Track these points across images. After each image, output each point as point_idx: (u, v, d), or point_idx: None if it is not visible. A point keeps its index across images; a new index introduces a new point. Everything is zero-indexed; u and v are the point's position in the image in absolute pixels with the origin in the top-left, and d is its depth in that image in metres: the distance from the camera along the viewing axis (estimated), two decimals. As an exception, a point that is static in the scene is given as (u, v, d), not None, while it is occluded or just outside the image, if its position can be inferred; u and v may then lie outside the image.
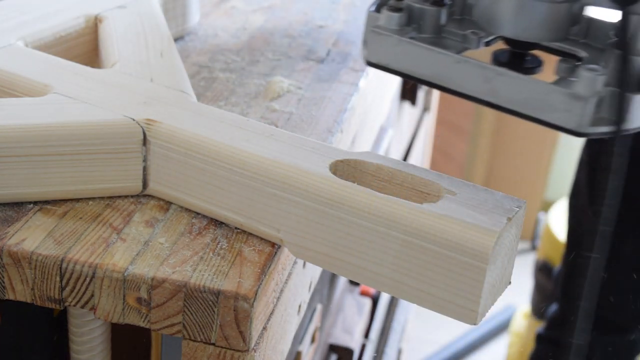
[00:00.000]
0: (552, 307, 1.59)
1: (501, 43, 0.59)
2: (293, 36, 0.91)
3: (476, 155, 2.51)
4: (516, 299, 2.15)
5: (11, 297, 0.56)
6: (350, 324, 1.15)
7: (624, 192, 0.55)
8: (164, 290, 0.54)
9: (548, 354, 1.56)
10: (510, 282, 0.57)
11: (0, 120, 0.60)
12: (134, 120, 0.61)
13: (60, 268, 0.55)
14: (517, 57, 0.57)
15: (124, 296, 0.55)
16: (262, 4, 1.00)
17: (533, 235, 2.53)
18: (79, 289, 0.55)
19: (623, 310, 1.41)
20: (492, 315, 2.22)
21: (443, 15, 0.58)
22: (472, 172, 2.52)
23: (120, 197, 0.62)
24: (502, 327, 2.23)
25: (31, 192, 0.60)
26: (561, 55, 0.58)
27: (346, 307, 1.19)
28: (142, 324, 0.56)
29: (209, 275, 0.55)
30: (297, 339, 0.86)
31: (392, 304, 1.35)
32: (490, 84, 0.53)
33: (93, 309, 0.56)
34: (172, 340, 0.61)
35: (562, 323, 1.54)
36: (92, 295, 0.55)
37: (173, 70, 0.71)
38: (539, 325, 1.64)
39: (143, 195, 0.63)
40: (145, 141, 0.61)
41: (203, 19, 0.95)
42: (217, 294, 0.54)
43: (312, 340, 0.92)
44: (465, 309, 0.53)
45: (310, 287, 0.71)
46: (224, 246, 0.58)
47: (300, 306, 0.68)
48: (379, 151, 1.03)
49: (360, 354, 1.16)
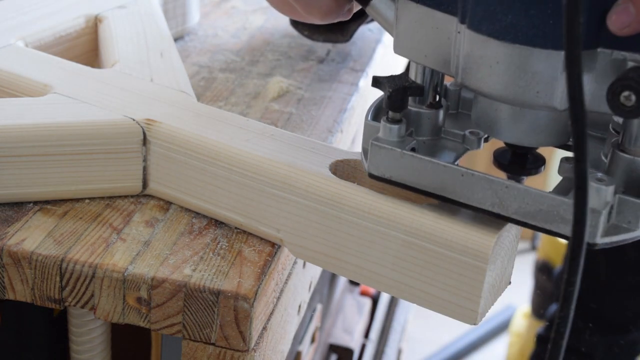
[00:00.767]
0: (552, 307, 1.59)
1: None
2: (293, 36, 0.91)
3: (476, 155, 2.51)
4: (516, 299, 2.15)
5: (11, 297, 0.56)
6: (350, 324, 1.15)
7: None
8: (164, 290, 0.54)
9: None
10: (510, 282, 0.57)
11: (0, 120, 0.60)
12: (134, 120, 0.61)
13: (60, 268, 0.55)
14: (518, 157, 0.55)
15: (124, 296, 0.55)
16: (262, 4, 0.99)
17: (533, 235, 2.53)
18: (79, 289, 0.55)
19: (623, 310, 1.41)
20: (492, 315, 2.22)
21: (440, 116, 0.57)
22: (475, 160, 2.52)
23: (120, 197, 0.62)
24: (502, 327, 2.23)
25: (31, 192, 0.60)
26: (560, 147, 0.56)
27: (346, 307, 1.19)
28: (142, 324, 0.56)
29: (209, 275, 0.55)
30: (297, 339, 0.86)
31: (392, 304, 1.35)
32: (498, 197, 0.51)
33: (93, 309, 0.56)
34: (172, 340, 0.61)
35: None
36: (92, 295, 0.55)
37: (173, 70, 0.71)
38: (539, 326, 1.64)
39: (143, 195, 0.63)
40: (145, 141, 0.61)
41: (203, 19, 0.95)
42: (217, 294, 0.54)
43: (312, 340, 0.92)
44: (465, 309, 0.53)
45: (310, 287, 0.71)
46: (224, 246, 0.58)
47: (300, 306, 0.68)
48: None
49: (360, 354, 1.16)
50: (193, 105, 0.65)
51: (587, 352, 1.38)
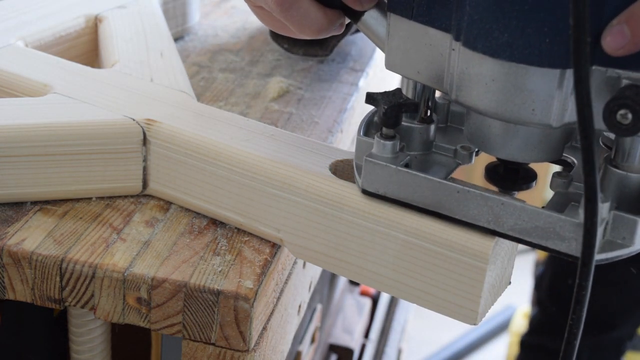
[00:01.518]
0: (533, 311, 1.57)
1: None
2: (293, 36, 0.91)
3: (473, 167, 2.51)
4: (516, 299, 2.15)
5: (11, 297, 0.56)
6: (350, 324, 1.15)
7: None
8: (164, 290, 0.54)
9: None
10: (510, 282, 0.57)
11: (0, 120, 0.60)
12: (134, 120, 0.61)
13: (60, 268, 0.55)
14: (510, 172, 0.55)
15: (124, 296, 0.55)
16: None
17: (533, 235, 2.52)
18: (79, 289, 0.55)
19: (608, 306, 1.40)
20: (492, 315, 2.22)
21: (432, 131, 0.57)
22: (472, 172, 2.52)
23: (120, 197, 0.62)
24: (502, 327, 2.23)
25: (31, 192, 0.60)
26: (552, 162, 0.56)
27: (346, 307, 1.19)
28: (142, 324, 0.56)
29: (209, 275, 0.55)
30: (297, 339, 0.86)
31: (392, 304, 1.35)
32: (494, 213, 0.51)
33: (93, 309, 0.56)
34: (172, 340, 0.61)
35: (541, 328, 1.53)
36: (92, 295, 0.55)
37: (173, 70, 0.71)
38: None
39: (143, 195, 0.63)
40: (145, 141, 0.61)
41: (203, 19, 0.95)
42: (217, 294, 0.54)
43: (312, 340, 0.92)
44: (465, 309, 0.53)
45: (310, 287, 0.71)
46: (224, 246, 0.58)
47: (300, 306, 0.68)
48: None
49: (360, 354, 1.16)
50: (193, 105, 0.65)
51: None
